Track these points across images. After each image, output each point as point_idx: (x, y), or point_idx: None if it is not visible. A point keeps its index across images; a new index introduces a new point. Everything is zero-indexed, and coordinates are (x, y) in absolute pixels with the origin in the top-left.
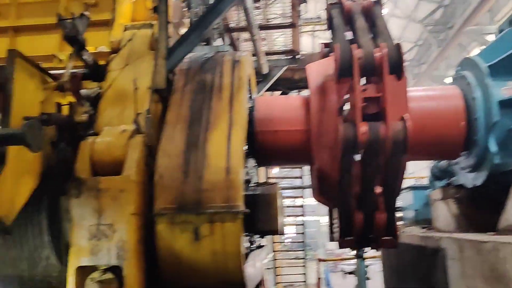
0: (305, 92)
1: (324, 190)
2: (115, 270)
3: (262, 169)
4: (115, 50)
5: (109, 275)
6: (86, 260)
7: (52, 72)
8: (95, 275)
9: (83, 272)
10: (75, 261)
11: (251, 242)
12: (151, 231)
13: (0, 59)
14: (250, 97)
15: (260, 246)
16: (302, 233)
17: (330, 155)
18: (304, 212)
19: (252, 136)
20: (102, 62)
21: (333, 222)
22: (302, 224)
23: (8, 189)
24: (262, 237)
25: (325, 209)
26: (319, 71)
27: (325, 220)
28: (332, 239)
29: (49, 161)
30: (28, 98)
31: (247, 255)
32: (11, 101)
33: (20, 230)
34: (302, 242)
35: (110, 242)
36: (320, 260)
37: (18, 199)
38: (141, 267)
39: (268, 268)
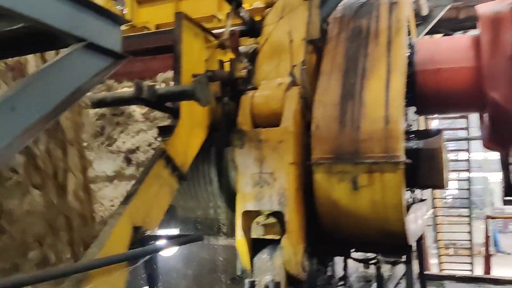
0: (472, 33)
1: (498, 133)
2: (277, 215)
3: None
4: (270, 4)
5: (272, 220)
6: (251, 205)
7: (213, 31)
8: (260, 219)
9: (249, 216)
10: (241, 206)
11: (413, 195)
12: (310, 180)
13: (166, 23)
14: (410, 42)
15: (421, 200)
16: (467, 189)
17: (507, 87)
18: (469, 167)
19: (412, 80)
20: (257, 18)
21: (509, 174)
22: (467, 180)
23: (183, 140)
24: (423, 191)
25: (494, 165)
26: (491, 7)
27: (493, 176)
28: (507, 194)
29: (215, 115)
30: (194, 57)
31: (408, 207)
32: (181, 61)
33: (193, 178)
34: (467, 199)
35: (271, 189)
36: (488, 217)
37: (191, 150)
38: (301, 213)
39: (428, 225)
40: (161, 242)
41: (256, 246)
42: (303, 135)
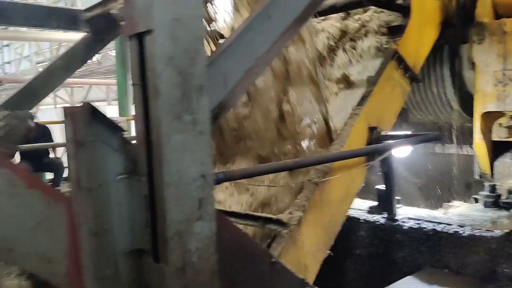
0: None
1: None
2: None
3: None
4: None
5: None
6: (492, 106)
7: None
8: (503, 120)
9: (489, 117)
10: (480, 107)
11: None
12: None
13: None
14: None
15: None
16: None
17: None
18: None
19: None
20: None
21: None
22: None
23: (414, 40)
24: None
25: None
26: None
27: None
28: None
29: (448, 9)
30: None
31: None
32: None
33: (424, 79)
34: None
35: None
36: None
37: (423, 49)
38: None
39: None
40: (397, 142)
41: (497, 149)
42: None
